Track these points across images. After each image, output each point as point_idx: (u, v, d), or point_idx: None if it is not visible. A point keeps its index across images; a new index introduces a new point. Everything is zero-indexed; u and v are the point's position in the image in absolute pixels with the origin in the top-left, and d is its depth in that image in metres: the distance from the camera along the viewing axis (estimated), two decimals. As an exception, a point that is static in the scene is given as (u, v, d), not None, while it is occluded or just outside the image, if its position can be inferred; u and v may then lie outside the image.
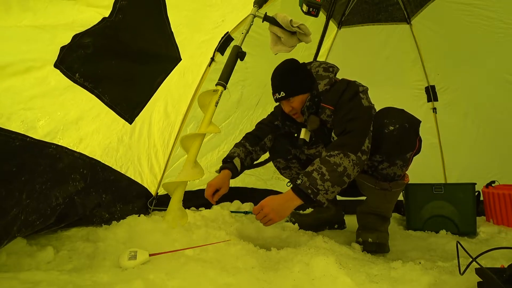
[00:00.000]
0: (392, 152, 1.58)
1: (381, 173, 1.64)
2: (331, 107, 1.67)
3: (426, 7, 2.86)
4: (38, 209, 1.23)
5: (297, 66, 1.77)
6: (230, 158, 1.89)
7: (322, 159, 1.45)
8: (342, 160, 1.42)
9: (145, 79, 1.82)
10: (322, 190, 1.40)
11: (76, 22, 1.23)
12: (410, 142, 1.60)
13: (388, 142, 1.56)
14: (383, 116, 1.60)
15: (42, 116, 1.26)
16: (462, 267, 1.13)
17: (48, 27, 1.15)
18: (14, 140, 1.11)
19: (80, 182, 1.48)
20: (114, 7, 1.32)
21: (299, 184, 1.42)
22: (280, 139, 2.02)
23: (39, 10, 1.10)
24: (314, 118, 1.73)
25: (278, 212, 1.44)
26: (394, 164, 1.61)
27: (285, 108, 1.78)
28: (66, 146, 1.38)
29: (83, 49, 1.29)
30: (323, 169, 1.42)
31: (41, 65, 1.18)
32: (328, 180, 1.40)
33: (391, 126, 1.55)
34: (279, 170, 2.14)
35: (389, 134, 1.55)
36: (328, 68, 1.77)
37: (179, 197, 1.64)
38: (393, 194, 1.71)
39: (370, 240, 1.65)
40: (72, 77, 1.30)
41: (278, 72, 1.78)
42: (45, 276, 1.02)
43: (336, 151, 1.45)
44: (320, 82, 1.72)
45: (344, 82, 1.70)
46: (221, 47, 2.34)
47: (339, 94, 1.64)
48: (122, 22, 1.38)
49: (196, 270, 1.14)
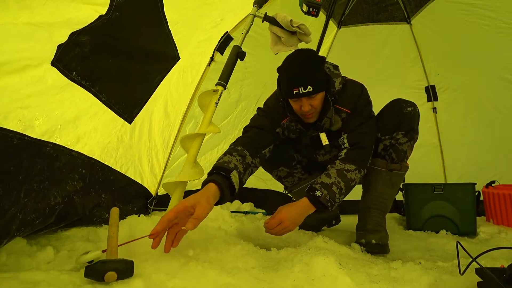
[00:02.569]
0: (411, 128, 1.75)
1: (398, 148, 1.74)
2: (347, 110, 1.63)
3: (426, 7, 2.86)
4: (37, 208, 1.23)
5: (319, 59, 1.63)
6: (224, 170, 1.35)
7: (340, 173, 1.52)
8: (356, 176, 1.54)
9: (143, 78, 1.81)
10: (337, 202, 1.50)
11: (72, 20, 1.23)
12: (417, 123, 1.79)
13: (409, 119, 1.74)
14: (400, 101, 1.78)
15: (39, 114, 1.26)
16: (462, 267, 1.13)
17: (44, 24, 1.15)
18: (12, 139, 1.11)
19: (78, 182, 1.48)
20: (110, 5, 1.31)
21: (319, 196, 1.46)
22: (281, 146, 1.80)
23: (36, 7, 1.10)
24: (337, 118, 1.65)
25: (295, 222, 1.48)
26: (412, 139, 1.76)
27: (305, 106, 1.53)
28: (63, 145, 1.38)
29: (80, 47, 1.29)
30: (341, 184, 1.50)
31: (38, 64, 1.18)
32: (343, 194, 1.52)
33: (408, 107, 1.75)
34: (279, 179, 1.98)
35: (408, 113, 1.74)
36: (336, 66, 1.71)
37: (179, 197, 1.64)
38: (398, 177, 1.78)
39: (373, 241, 1.64)
40: (69, 75, 1.30)
41: (300, 62, 1.55)
42: (45, 276, 1.02)
43: (353, 166, 1.55)
44: (335, 80, 1.62)
45: (358, 85, 1.69)
46: (221, 46, 2.34)
47: (355, 98, 1.63)
48: (119, 20, 1.37)
49: (196, 270, 1.14)
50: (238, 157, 1.46)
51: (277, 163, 1.89)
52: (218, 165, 1.39)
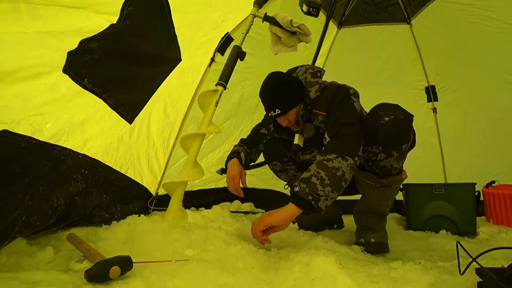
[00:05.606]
0: (388, 142, 1.57)
1: (378, 165, 1.62)
2: (323, 113, 1.66)
3: (426, 7, 2.86)
4: (39, 209, 1.24)
5: (286, 80, 1.71)
6: (235, 153, 1.95)
7: (319, 164, 1.38)
8: (340, 164, 1.37)
9: (146, 80, 1.82)
10: (323, 196, 1.32)
11: (83, 29, 1.24)
12: (405, 133, 1.59)
13: (384, 132, 1.53)
14: (378, 109, 1.59)
15: (49, 119, 1.27)
16: (462, 267, 1.14)
17: (55, 33, 1.16)
18: (20, 142, 1.11)
19: (81, 183, 1.48)
20: (121, 14, 1.32)
21: (298, 191, 1.33)
22: (274, 142, 2.02)
23: (49, 18, 1.11)
24: (309, 126, 1.74)
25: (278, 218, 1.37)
26: (391, 156, 1.59)
27: (283, 122, 1.75)
28: (71, 148, 1.39)
29: (90, 54, 1.29)
30: (321, 173, 1.35)
31: (50, 71, 1.19)
32: (328, 185, 1.33)
33: (386, 117, 1.54)
34: (275, 173, 2.14)
35: (385, 125, 1.53)
36: (315, 73, 1.74)
37: (179, 197, 1.64)
38: (392, 190, 1.71)
39: (372, 240, 1.65)
40: (81, 83, 1.31)
41: (268, 89, 1.72)
42: (45, 276, 1.02)
43: (333, 154, 1.40)
44: (311, 89, 1.69)
45: (334, 87, 1.69)
46: (221, 47, 2.34)
47: (330, 99, 1.64)
48: (128, 28, 1.39)
49: (196, 270, 1.14)
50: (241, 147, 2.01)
51: (270, 157, 2.08)
52: (233, 151, 1.99)
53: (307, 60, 2.93)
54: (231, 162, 1.89)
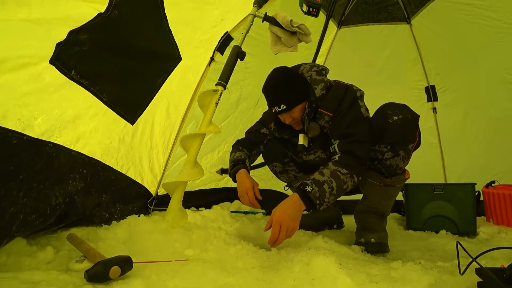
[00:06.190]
0: (396, 141, 1.59)
1: (384, 164, 1.63)
2: (330, 114, 1.63)
3: (426, 7, 2.86)
4: (37, 208, 1.23)
5: (292, 74, 1.69)
6: (240, 161, 1.87)
7: (334, 173, 1.46)
8: (348, 180, 1.47)
9: (145, 78, 1.81)
10: (326, 203, 1.44)
11: (71, 17, 1.22)
12: (412, 133, 1.61)
13: (392, 131, 1.57)
14: (386, 108, 1.63)
15: (38, 114, 1.26)
16: (462, 267, 1.13)
17: (42, 21, 1.14)
18: (11, 139, 1.11)
19: (80, 182, 1.48)
20: (109, 3, 1.30)
21: (309, 192, 1.41)
22: (275, 142, 1.97)
23: (35, 4, 1.10)
24: (314, 125, 1.70)
25: (294, 218, 1.42)
26: (398, 155, 1.60)
27: (286, 119, 1.70)
28: (63, 145, 1.38)
29: (79, 45, 1.28)
30: (333, 183, 1.44)
31: (37, 62, 1.18)
32: (333, 195, 1.45)
33: (395, 116, 1.57)
34: (276, 174, 2.11)
35: (393, 124, 1.57)
36: (320, 71, 1.72)
37: (179, 197, 1.64)
38: (394, 190, 1.72)
39: (372, 240, 1.65)
40: (68, 74, 1.29)
41: (272, 83, 1.68)
42: (45, 276, 1.02)
43: (345, 170, 1.48)
44: (316, 87, 1.66)
45: (342, 87, 1.67)
46: (221, 46, 2.34)
47: (338, 100, 1.62)
48: (118, 18, 1.36)
49: (196, 270, 1.14)
50: (241, 152, 1.92)
51: (270, 158, 2.05)
52: (235, 159, 1.88)
53: (307, 60, 2.92)
54: (240, 174, 1.78)
